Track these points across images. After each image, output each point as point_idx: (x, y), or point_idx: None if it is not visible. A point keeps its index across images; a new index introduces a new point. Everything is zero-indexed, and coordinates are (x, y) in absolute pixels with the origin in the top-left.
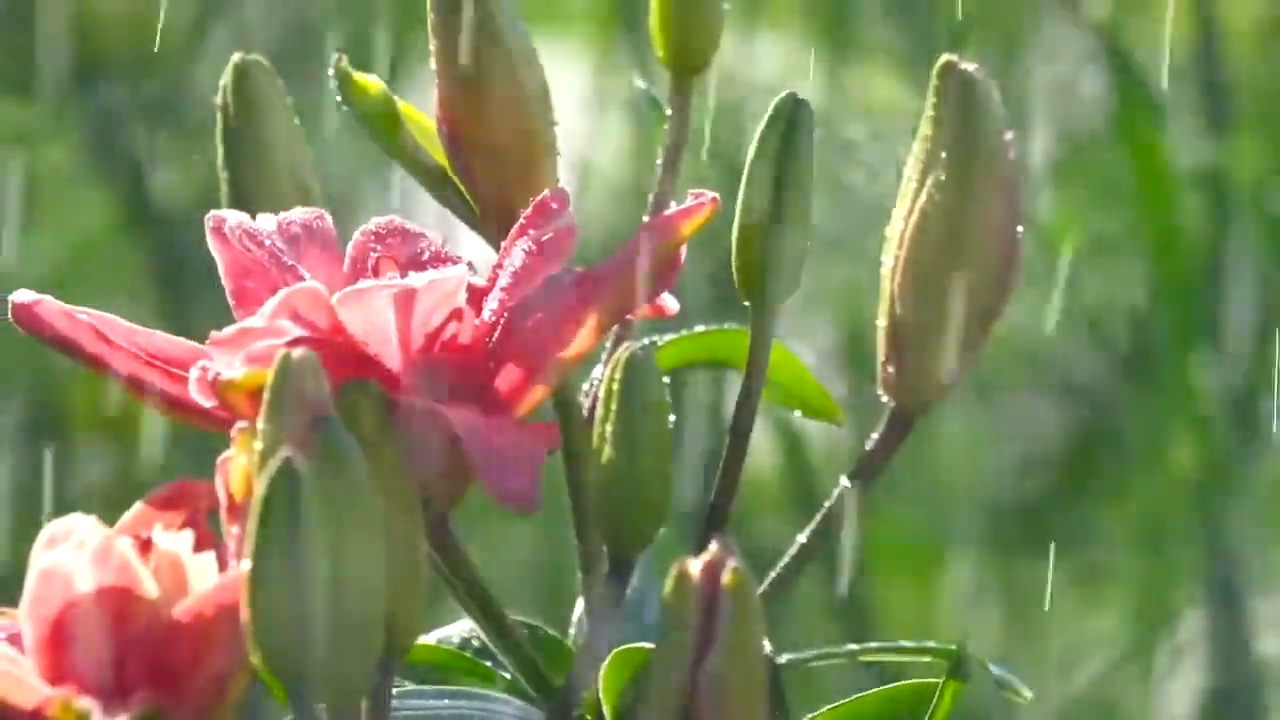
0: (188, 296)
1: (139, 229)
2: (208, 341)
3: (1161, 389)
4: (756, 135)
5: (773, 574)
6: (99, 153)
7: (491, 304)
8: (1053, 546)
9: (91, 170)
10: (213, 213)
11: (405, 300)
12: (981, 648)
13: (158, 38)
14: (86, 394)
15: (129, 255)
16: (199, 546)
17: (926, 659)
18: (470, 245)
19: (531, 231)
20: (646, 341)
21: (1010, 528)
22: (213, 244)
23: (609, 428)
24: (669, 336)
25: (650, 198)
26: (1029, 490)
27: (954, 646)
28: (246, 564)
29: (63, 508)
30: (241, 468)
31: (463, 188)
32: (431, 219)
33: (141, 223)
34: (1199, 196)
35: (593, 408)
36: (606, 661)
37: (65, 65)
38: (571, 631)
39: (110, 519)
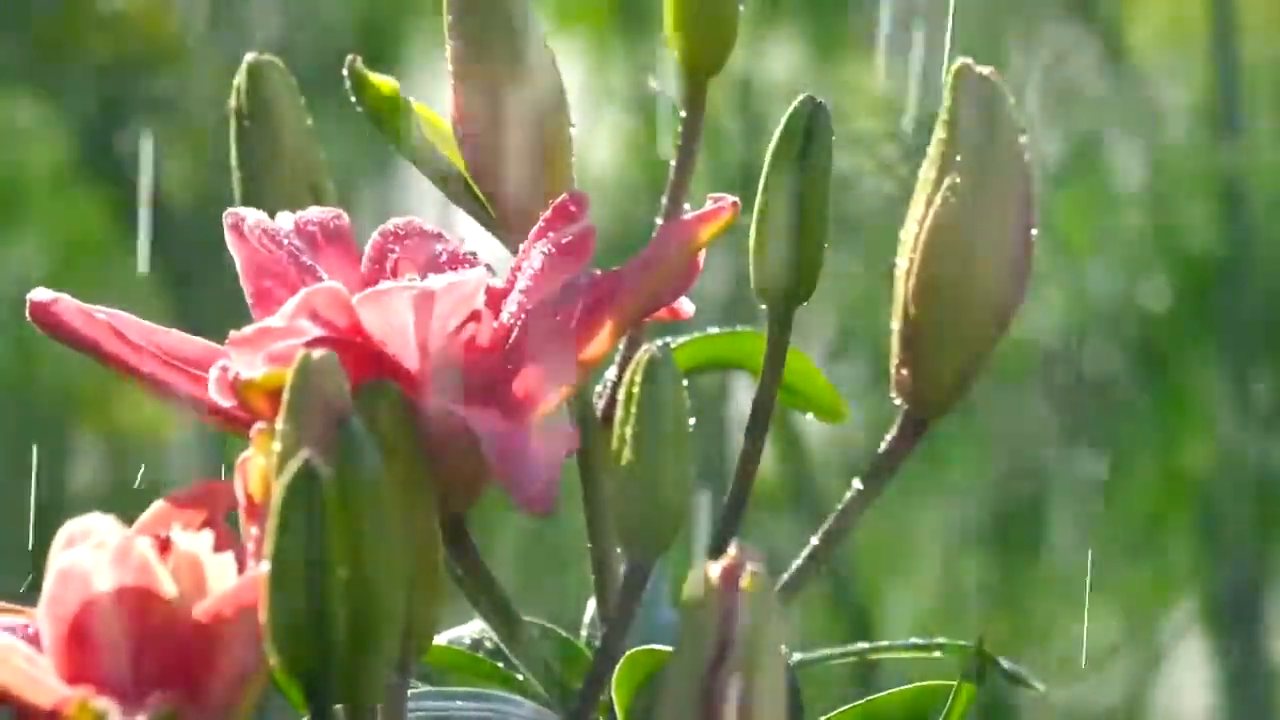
0: (186, 297)
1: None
2: (227, 341)
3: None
4: (774, 137)
5: (785, 576)
6: (95, 151)
7: (510, 306)
8: (1052, 547)
9: (88, 169)
10: (231, 210)
11: (424, 302)
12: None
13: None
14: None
15: (124, 255)
16: (218, 547)
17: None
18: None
19: (550, 234)
20: (663, 343)
21: (1013, 527)
22: (231, 242)
23: (628, 430)
24: (683, 338)
25: (664, 199)
26: (1031, 489)
27: (966, 644)
28: (265, 565)
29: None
30: (260, 468)
31: (478, 189)
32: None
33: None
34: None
35: (606, 410)
36: (620, 664)
37: (61, 62)
38: (584, 633)
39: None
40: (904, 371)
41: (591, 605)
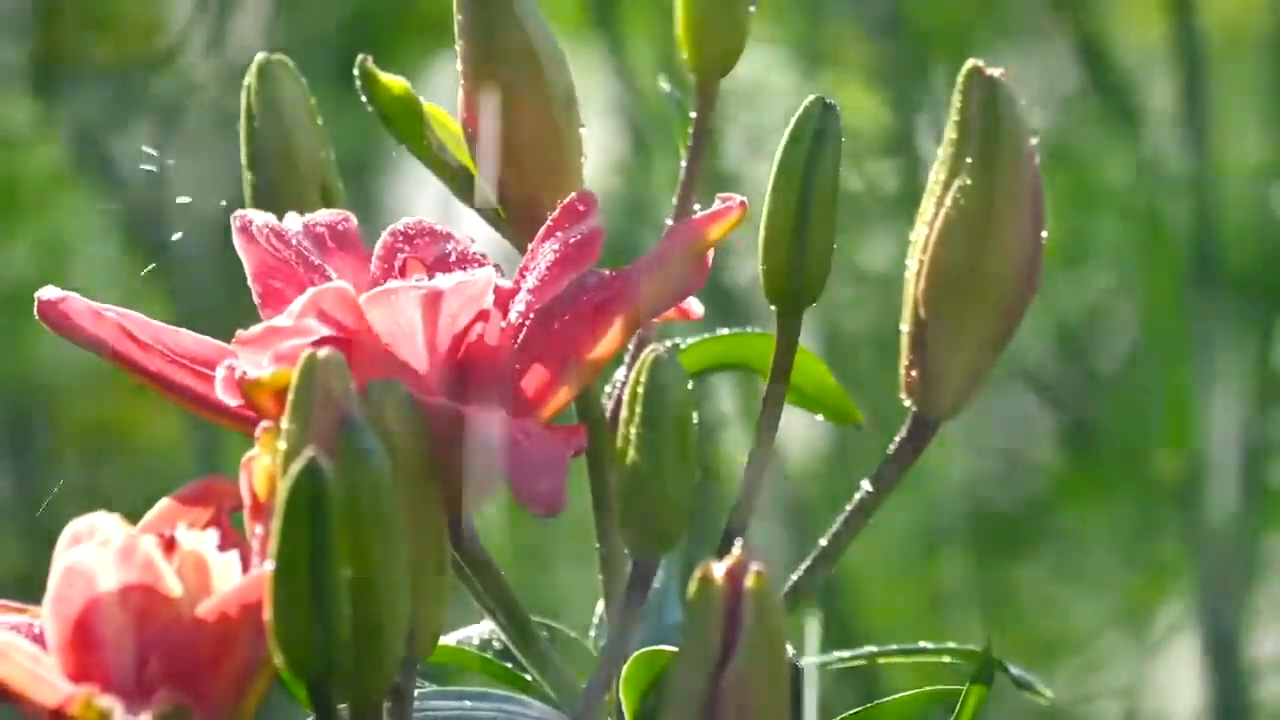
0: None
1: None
2: (234, 340)
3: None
4: (783, 139)
5: (794, 577)
6: (87, 154)
7: (518, 306)
8: (1040, 548)
9: (81, 172)
10: (239, 212)
11: (432, 302)
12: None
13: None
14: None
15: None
16: (223, 546)
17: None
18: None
19: (559, 234)
20: (670, 344)
21: (997, 530)
22: (239, 243)
23: (633, 430)
24: (692, 339)
25: (673, 200)
26: (1016, 492)
27: (975, 648)
28: (270, 564)
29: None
30: (266, 467)
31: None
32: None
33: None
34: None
35: (615, 410)
36: (627, 663)
37: (55, 65)
38: (592, 633)
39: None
40: (913, 373)
41: (600, 605)
